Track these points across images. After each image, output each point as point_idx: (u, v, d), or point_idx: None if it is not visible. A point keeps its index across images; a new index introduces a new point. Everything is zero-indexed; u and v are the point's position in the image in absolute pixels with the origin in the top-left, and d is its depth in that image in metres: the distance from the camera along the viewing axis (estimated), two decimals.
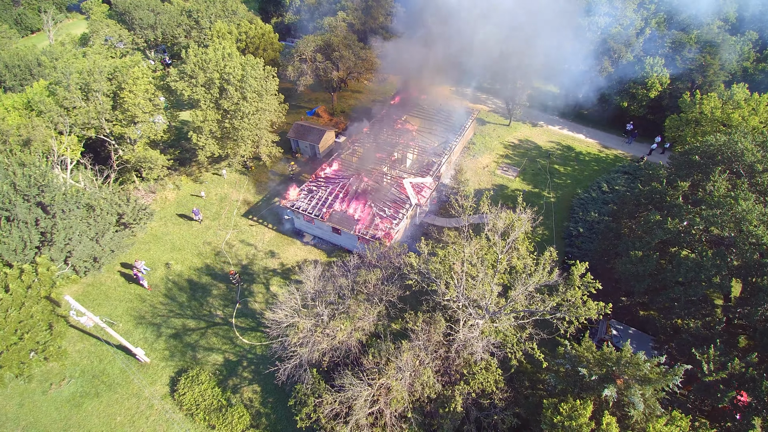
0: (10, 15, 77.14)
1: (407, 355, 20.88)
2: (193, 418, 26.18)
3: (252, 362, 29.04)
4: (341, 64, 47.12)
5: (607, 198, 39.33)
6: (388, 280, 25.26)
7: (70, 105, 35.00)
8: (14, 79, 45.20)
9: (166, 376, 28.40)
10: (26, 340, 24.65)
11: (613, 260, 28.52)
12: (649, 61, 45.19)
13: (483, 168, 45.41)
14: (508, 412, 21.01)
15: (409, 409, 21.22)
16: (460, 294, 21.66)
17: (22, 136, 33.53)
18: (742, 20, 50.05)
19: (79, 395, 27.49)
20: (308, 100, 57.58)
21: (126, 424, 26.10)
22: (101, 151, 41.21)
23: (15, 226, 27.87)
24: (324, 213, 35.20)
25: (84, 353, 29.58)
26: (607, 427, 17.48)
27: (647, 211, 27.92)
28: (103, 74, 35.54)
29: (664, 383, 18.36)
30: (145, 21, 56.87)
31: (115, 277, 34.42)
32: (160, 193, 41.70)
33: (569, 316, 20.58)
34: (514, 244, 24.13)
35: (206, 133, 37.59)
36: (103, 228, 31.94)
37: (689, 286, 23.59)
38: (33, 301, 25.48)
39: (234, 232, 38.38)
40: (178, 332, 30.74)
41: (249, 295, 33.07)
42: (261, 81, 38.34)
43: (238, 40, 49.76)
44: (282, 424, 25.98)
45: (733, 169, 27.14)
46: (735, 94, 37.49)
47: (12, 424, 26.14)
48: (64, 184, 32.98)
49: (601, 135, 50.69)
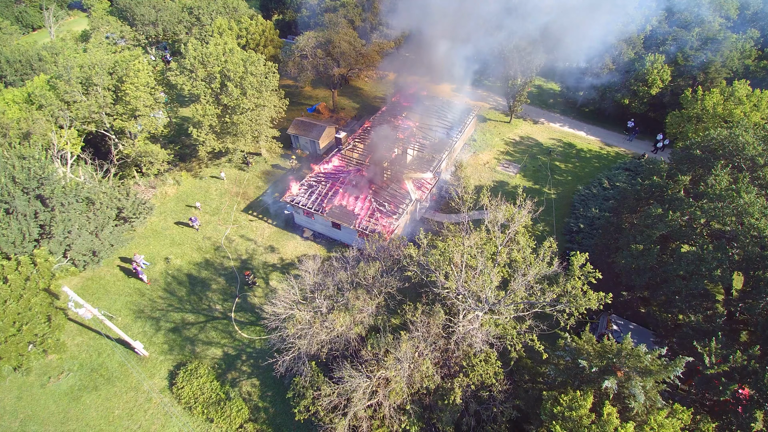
0: (12, 12, 77.22)
1: (406, 346, 20.76)
2: (192, 411, 26.07)
3: (251, 356, 28.93)
4: (342, 61, 47.07)
5: (608, 194, 39.20)
6: (388, 273, 25.16)
7: (70, 99, 34.96)
8: (15, 73, 45.16)
9: (165, 369, 28.29)
10: (25, 332, 24.59)
11: (613, 254, 28.38)
12: (650, 58, 45.08)
13: (483, 164, 45.30)
14: (507, 405, 20.88)
15: (408, 401, 21.10)
16: (459, 285, 21.55)
17: (22, 129, 33.49)
18: (743, 18, 50.00)
19: (77, 388, 27.39)
20: (309, 97, 57.56)
21: (124, 418, 25.99)
22: (101, 146, 41.18)
23: (14, 219, 27.80)
24: (323, 208, 35.12)
25: (83, 347, 29.48)
26: (607, 418, 17.34)
27: (648, 205, 27.79)
28: (104, 68, 35.51)
29: (665, 375, 18.23)
30: (147, 17, 56.89)
31: (114, 271, 34.34)
32: (160, 188, 41.65)
33: (569, 307, 20.46)
34: (515, 236, 24.02)
35: (206, 128, 37.55)
36: (102, 222, 31.87)
37: (690, 280, 23.46)
38: (32, 293, 25.41)
39: (234, 227, 38.31)
40: (177, 326, 30.65)
41: (248, 290, 32.99)
42: (261, 77, 38.29)
43: (239, 36, 49.73)
44: (281, 417, 25.86)
45: (735, 163, 27.03)
46: (737, 90, 37.38)
47: (10, 416, 26.03)
48: (63, 177, 32.93)
49: (603, 132, 50.61)
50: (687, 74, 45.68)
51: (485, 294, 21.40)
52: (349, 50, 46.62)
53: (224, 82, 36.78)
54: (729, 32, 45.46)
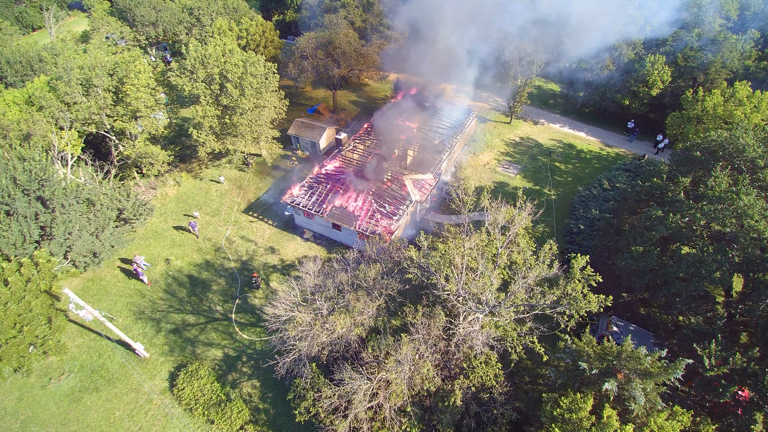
0: (12, 12, 77.10)
1: (407, 348, 20.79)
2: (192, 412, 26.11)
3: (251, 357, 28.97)
4: (342, 61, 47.09)
5: (608, 195, 39.22)
6: (388, 275, 25.18)
7: (71, 100, 34.96)
8: (15, 75, 45.14)
9: (166, 370, 28.33)
10: (25, 334, 24.60)
11: (613, 256, 28.41)
12: (650, 59, 45.07)
13: (484, 165, 45.31)
14: (507, 407, 20.91)
15: (408, 403, 21.13)
16: (459, 287, 21.57)
17: (22, 130, 33.50)
18: (744, 19, 49.96)
19: (78, 390, 27.44)
20: (309, 98, 57.53)
21: (125, 419, 26.04)
22: (102, 147, 41.20)
23: (15, 220, 27.82)
24: (324, 209, 35.14)
25: (83, 348, 29.53)
26: (607, 420, 17.37)
27: (648, 207, 27.81)
28: (104, 69, 35.52)
29: (665, 377, 18.26)
30: (147, 18, 56.83)
31: (114, 272, 34.37)
32: (161, 189, 41.69)
33: (569, 309, 20.49)
34: (515, 238, 24.04)
35: (206, 129, 37.57)
36: (103, 223, 31.88)
37: (690, 282, 23.49)
38: (32, 295, 25.43)
39: (234, 228, 38.34)
40: (178, 327, 30.68)
41: (249, 291, 33.01)
42: (260, 78, 38.30)
43: (239, 37, 49.72)
44: (281, 419, 25.90)
45: (735, 165, 27.04)
46: (737, 91, 37.37)
47: (11, 418, 26.09)
48: (64, 179, 32.94)
49: (603, 133, 50.61)
50: (687, 75, 45.66)
51: (486, 296, 21.43)
52: (350, 51, 46.62)
53: (223, 83, 36.79)
54: (729, 33, 45.44)
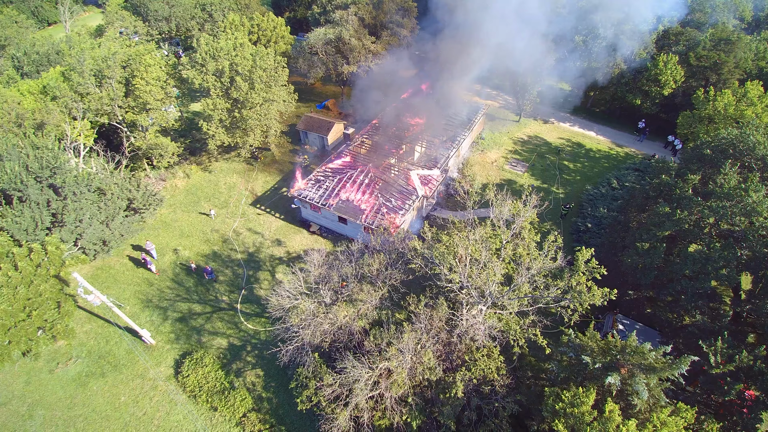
0: (28, 6, 78.43)
1: (408, 337, 20.82)
2: (196, 399, 26.38)
3: (256, 347, 29.19)
4: (351, 57, 47.24)
5: (617, 194, 38.90)
6: (392, 265, 25.25)
7: (84, 90, 35.49)
8: (32, 65, 45.91)
9: (171, 358, 28.66)
10: (34, 318, 24.98)
11: (620, 253, 28.20)
12: (663, 58, 44.65)
13: (491, 163, 45.19)
14: (509, 400, 20.85)
15: (410, 393, 21.16)
16: (463, 279, 21.57)
17: (36, 119, 34.09)
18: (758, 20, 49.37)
19: (84, 375, 27.84)
20: (318, 94, 57.84)
21: (130, 404, 26.38)
22: (114, 138, 41.74)
23: (27, 207, 28.32)
24: (330, 202, 35.30)
25: (91, 334, 29.96)
26: (609, 415, 17.27)
27: (656, 204, 27.59)
28: (117, 61, 36.00)
29: (670, 372, 18.09)
30: (160, 13, 57.55)
31: (123, 261, 34.83)
32: (170, 180, 42.15)
33: (573, 303, 20.38)
34: (520, 232, 23.97)
35: (216, 122, 37.93)
36: (113, 212, 32.30)
37: (696, 279, 23.25)
38: (42, 280, 25.82)
39: (242, 220, 38.65)
40: (184, 316, 31.01)
41: (255, 282, 33.26)
42: (270, 71, 38.56)
43: (251, 32, 50.10)
44: (284, 408, 26.08)
45: (745, 163, 26.73)
46: (749, 91, 36.91)
47: (18, 401, 26.54)
48: (75, 167, 33.43)
49: (613, 132, 50.24)
50: (700, 75, 45.16)
51: (489, 288, 21.40)
52: (359, 47, 46.76)
53: (233, 76, 37.11)
54: (743, 33, 44.89)
